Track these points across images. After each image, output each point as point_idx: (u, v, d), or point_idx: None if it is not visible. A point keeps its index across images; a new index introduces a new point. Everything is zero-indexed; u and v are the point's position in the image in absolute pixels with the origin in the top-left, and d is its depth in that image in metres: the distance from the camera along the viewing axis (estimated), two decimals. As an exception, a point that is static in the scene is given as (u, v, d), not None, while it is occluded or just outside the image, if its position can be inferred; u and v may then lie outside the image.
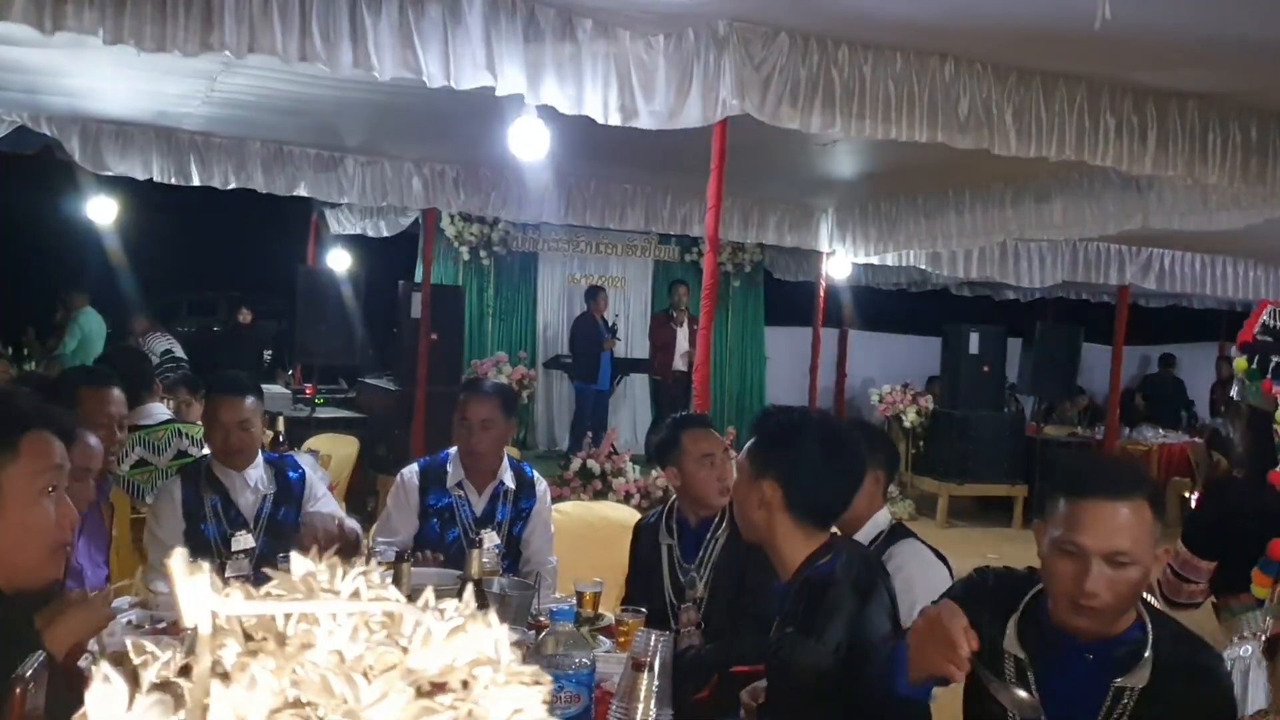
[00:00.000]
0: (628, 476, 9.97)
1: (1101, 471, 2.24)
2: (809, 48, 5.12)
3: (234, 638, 0.60)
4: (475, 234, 13.47)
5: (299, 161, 8.63)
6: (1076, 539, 2.12)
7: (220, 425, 4.01)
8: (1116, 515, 2.11)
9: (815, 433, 2.66)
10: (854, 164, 8.58)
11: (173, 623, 3.18)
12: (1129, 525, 2.11)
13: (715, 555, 3.61)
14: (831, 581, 2.52)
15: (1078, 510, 2.14)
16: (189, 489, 4.03)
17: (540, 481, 4.47)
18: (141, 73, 6.35)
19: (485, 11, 4.74)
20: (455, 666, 0.62)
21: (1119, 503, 2.12)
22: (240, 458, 4.06)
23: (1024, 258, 10.56)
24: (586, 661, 2.47)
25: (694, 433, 3.79)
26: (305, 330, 10.45)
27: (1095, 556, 2.10)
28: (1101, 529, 2.11)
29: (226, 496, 4.04)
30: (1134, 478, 2.19)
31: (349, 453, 8.02)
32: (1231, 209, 7.19)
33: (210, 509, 4.01)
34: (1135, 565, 2.11)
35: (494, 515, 4.27)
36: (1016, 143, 5.54)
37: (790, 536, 2.59)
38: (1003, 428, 11.82)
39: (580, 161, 8.32)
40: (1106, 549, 2.10)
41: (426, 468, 4.35)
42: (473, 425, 4.20)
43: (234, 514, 4.03)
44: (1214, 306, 15.64)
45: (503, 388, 4.59)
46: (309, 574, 0.64)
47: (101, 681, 0.60)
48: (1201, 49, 5.19)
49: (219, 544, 3.92)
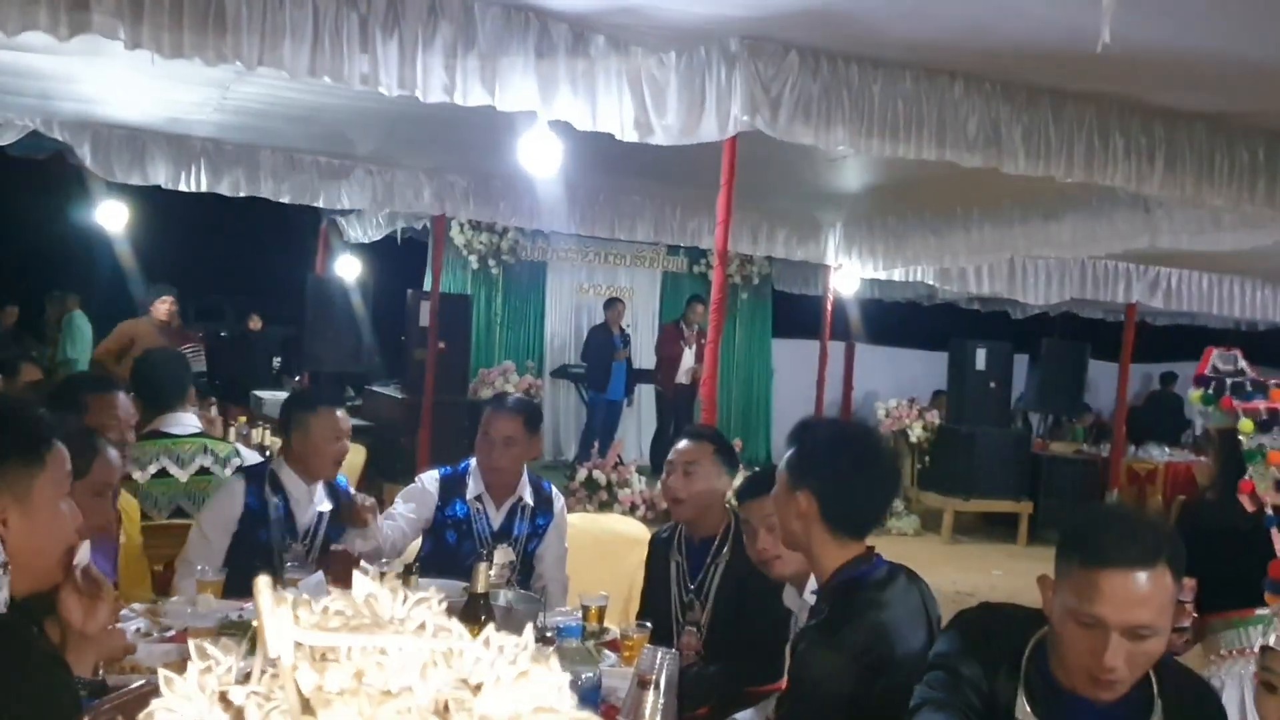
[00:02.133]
0: (634, 488, 10.00)
1: (1120, 537, 2.04)
2: (819, 65, 5.15)
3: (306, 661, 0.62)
4: (484, 243, 13.50)
5: (309, 169, 8.66)
6: (1094, 611, 1.98)
7: (341, 434, 4.15)
8: (1137, 586, 1.97)
9: (851, 444, 2.72)
10: (862, 179, 8.59)
11: (180, 630, 3.20)
12: (1150, 595, 1.97)
13: (716, 581, 3.62)
14: (862, 586, 2.57)
15: (1095, 579, 1.99)
16: (254, 493, 4.03)
17: (558, 499, 4.47)
18: (155, 80, 6.39)
19: (497, 28, 4.77)
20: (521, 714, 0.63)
21: (1139, 571, 1.98)
22: (338, 469, 4.18)
23: (1031, 274, 10.55)
24: (592, 677, 2.49)
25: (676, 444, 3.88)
26: (314, 337, 10.50)
27: (1115, 630, 1.97)
28: (1121, 601, 1.97)
29: (288, 504, 4.07)
30: (1154, 541, 2.02)
31: (355, 461, 8.02)
32: (1239, 229, 7.21)
33: (273, 512, 4.03)
34: (1156, 636, 1.99)
35: (510, 530, 4.26)
36: (1025, 162, 5.55)
37: (826, 545, 2.65)
38: (1008, 444, 11.83)
39: (591, 172, 8.34)
40: (1127, 623, 1.97)
41: (447, 478, 4.33)
42: (495, 441, 4.20)
43: (292, 524, 4.06)
44: (1220, 326, 15.62)
45: (528, 405, 4.57)
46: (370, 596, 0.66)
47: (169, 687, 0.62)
48: (1209, 71, 5.21)
49: (279, 547, 3.94)
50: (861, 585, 2.58)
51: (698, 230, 9.99)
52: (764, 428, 15.35)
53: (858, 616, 2.51)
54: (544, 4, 4.79)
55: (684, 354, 12.57)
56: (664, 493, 3.90)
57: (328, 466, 4.13)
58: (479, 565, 3.01)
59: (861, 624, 2.49)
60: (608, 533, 5.18)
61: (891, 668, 2.44)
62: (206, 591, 3.59)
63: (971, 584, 8.57)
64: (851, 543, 2.66)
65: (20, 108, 7.43)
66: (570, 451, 13.28)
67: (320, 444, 4.10)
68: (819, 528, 2.63)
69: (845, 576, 2.62)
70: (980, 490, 11.51)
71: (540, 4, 4.79)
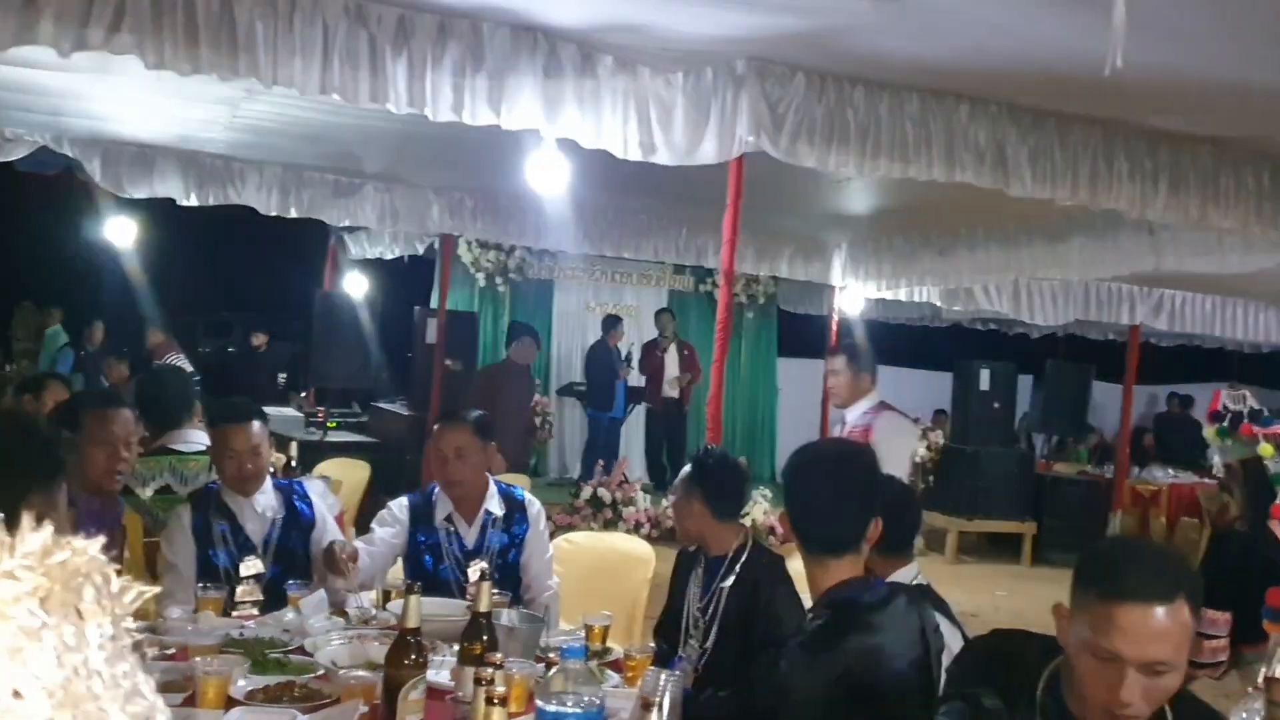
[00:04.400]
0: (638, 506, 9.99)
1: (1139, 570, 1.99)
2: (825, 87, 5.17)
3: None
4: (492, 261, 13.54)
5: (318, 187, 8.68)
6: (1111, 646, 1.94)
7: (234, 454, 4.03)
8: (1155, 622, 1.93)
9: (815, 470, 2.75)
10: (868, 200, 8.61)
11: (181, 648, 3.20)
12: (1168, 631, 1.93)
13: (723, 602, 3.60)
14: (854, 608, 2.57)
15: (1112, 613, 1.95)
16: (199, 516, 4.04)
17: (533, 503, 4.40)
18: (165, 98, 6.43)
19: (505, 47, 4.79)
20: None
21: (1158, 606, 1.93)
22: (252, 484, 4.08)
23: (1036, 296, 10.55)
24: (596, 700, 2.49)
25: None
26: (320, 354, 10.51)
27: (1132, 666, 1.93)
28: (1139, 637, 1.92)
29: (235, 522, 4.06)
30: (1173, 576, 1.98)
31: (361, 478, 8.03)
32: (1244, 253, 7.21)
33: (219, 535, 4.02)
34: (1174, 672, 1.96)
35: (485, 546, 4.22)
36: (1031, 184, 5.56)
37: (809, 565, 2.72)
38: (1012, 464, 11.82)
39: (598, 191, 8.37)
40: (1145, 658, 1.93)
41: (415, 504, 4.30)
42: (447, 455, 4.16)
43: (243, 539, 4.04)
44: (1224, 348, 15.63)
45: (477, 414, 4.51)
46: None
47: None
48: (1215, 95, 5.22)
49: (229, 570, 3.94)
50: (854, 607, 2.58)
51: (704, 249, 10.02)
52: (769, 446, 15.36)
53: (841, 640, 2.51)
54: (552, 25, 4.81)
55: (665, 362, 12.69)
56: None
57: (234, 483, 4.08)
58: (481, 584, 3.02)
59: (844, 648, 2.49)
60: (612, 551, 5.18)
61: (876, 692, 2.44)
62: (208, 609, 3.60)
63: (975, 604, 8.55)
64: (832, 561, 2.66)
65: (30, 123, 7.47)
66: (576, 470, 13.30)
67: (220, 461, 4.10)
68: (799, 548, 2.70)
69: (837, 597, 2.62)
70: (984, 510, 11.50)
71: (548, 24, 4.81)
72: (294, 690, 2.91)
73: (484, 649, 2.83)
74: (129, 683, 0.74)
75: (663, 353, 12.82)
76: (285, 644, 3.36)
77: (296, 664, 3.18)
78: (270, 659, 3.19)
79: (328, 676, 3.02)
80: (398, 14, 4.61)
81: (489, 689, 2.30)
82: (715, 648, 3.58)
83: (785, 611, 3.47)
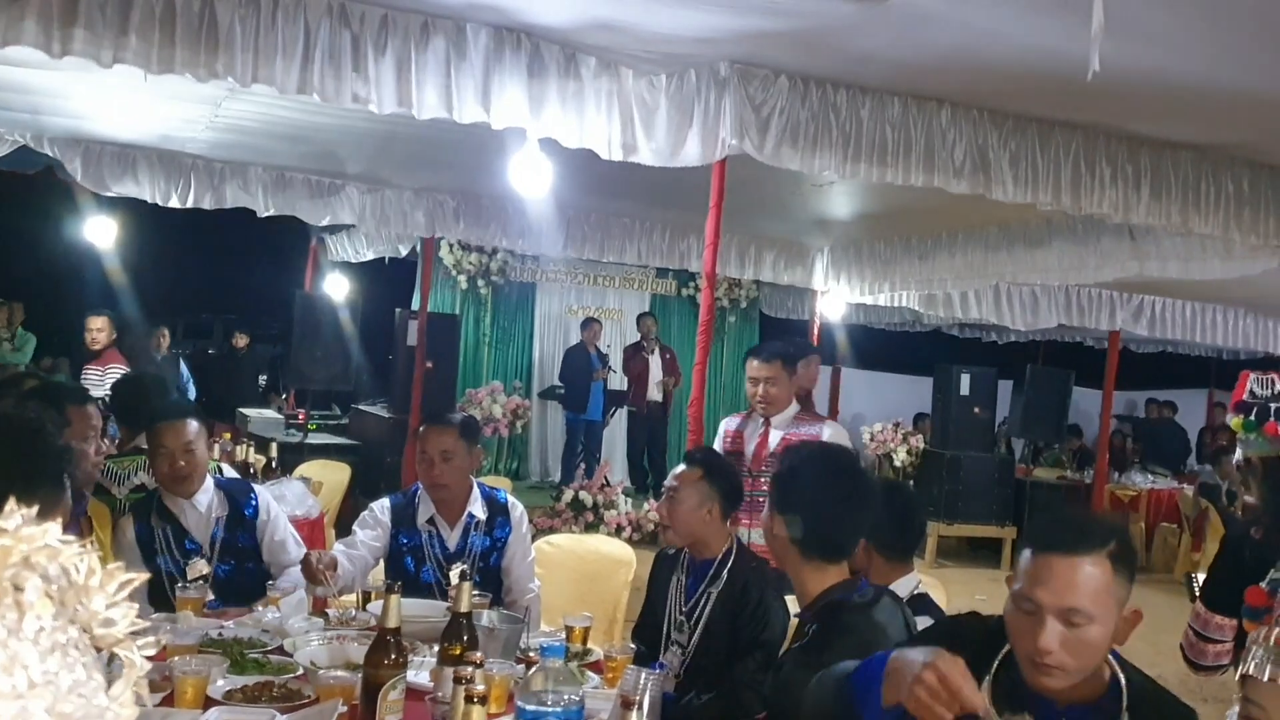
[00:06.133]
0: (619, 509, 9.98)
1: (1065, 525, 2.15)
2: (808, 90, 5.17)
3: None
4: (474, 263, 13.51)
5: (300, 187, 8.65)
6: (1032, 594, 2.05)
7: (165, 451, 4.02)
8: (1074, 571, 2.03)
9: (823, 473, 2.73)
10: (850, 204, 8.63)
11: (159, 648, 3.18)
12: (1084, 582, 2.03)
13: (709, 607, 3.58)
14: (847, 608, 2.59)
15: (1036, 564, 2.07)
16: (141, 523, 4.03)
17: (515, 507, 4.42)
18: (147, 97, 6.39)
19: (489, 47, 4.78)
20: None
21: (1078, 558, 2.04)
22: (188, 483, 4.07)
23: (1017, 301, 10.58)
24: (576, 699, 2.48)
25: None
26: (301, 355, 10.46)
27: (1050, 613, 2.02)
28: (1054, 585, 2.03)
29: (178, 524, 4.05)
30: (1099, 532, 2.09)
31: (341, 479, 8.02)
32: (1224, 258, 7.24)
33: (161, 540, 4.01)
34: (1093, 625, 2.02)
35: (466, 549, 4.21)
36: (1013, 189, 5.58)
37: (802, 569, 2.72)
38: (992, 469, 11.86)
39: (581, 194, 8.36)
40: (1061, 606, 2.02)
41: (398, 506, 4.29)
42: (433, 458, 4.16)
43: (186, 541, 4.04)
44: (1203, 354, 15.72)
45: (463, 417, 4.54)
46: None
47: None
48: (1195, 101, 5.25)
49: (175, 574, 3.91)
50: (846, 607, 2.60)
51: (686, 253, 10.02)
52: (750, 450, 15.33)
53: (843, 637, 2.53)
54: (535, 25, 4.81)
55: (650, 365, 12.72)
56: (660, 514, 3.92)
57: (167, 482, 4.08)
58: (461, 585, 3.01)
59: (847, 644, 2.50)
60: (593, 554, 5.18)
61: None
62: (187, 609, 3.58)
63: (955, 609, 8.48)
64: (830, 566, 2.68)
65: (10, 122, 7.42)
66: (557, 473, 13.28)
67: (154, 459, 4.10)
68: (793, 551, 2.67)
69: (830, 600, 2.64)
70: (964, 515, 11.54)
71: (531, 25, 4.81)
72: (273, 690, 2.90)
73: (464, 649, 2.82)
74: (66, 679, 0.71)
75: (647, 355, 12.83)
76: (264, 644, 3.35)
77: (275, 664, 3.17)
78: (249, 659, 3.18)
79: (307, 676, 3.01)
80: (381, 13, 4.60)
81: (469, 688, 2.29)
82: (698, 651, 3.56)
83: (773, 615, 3.47)
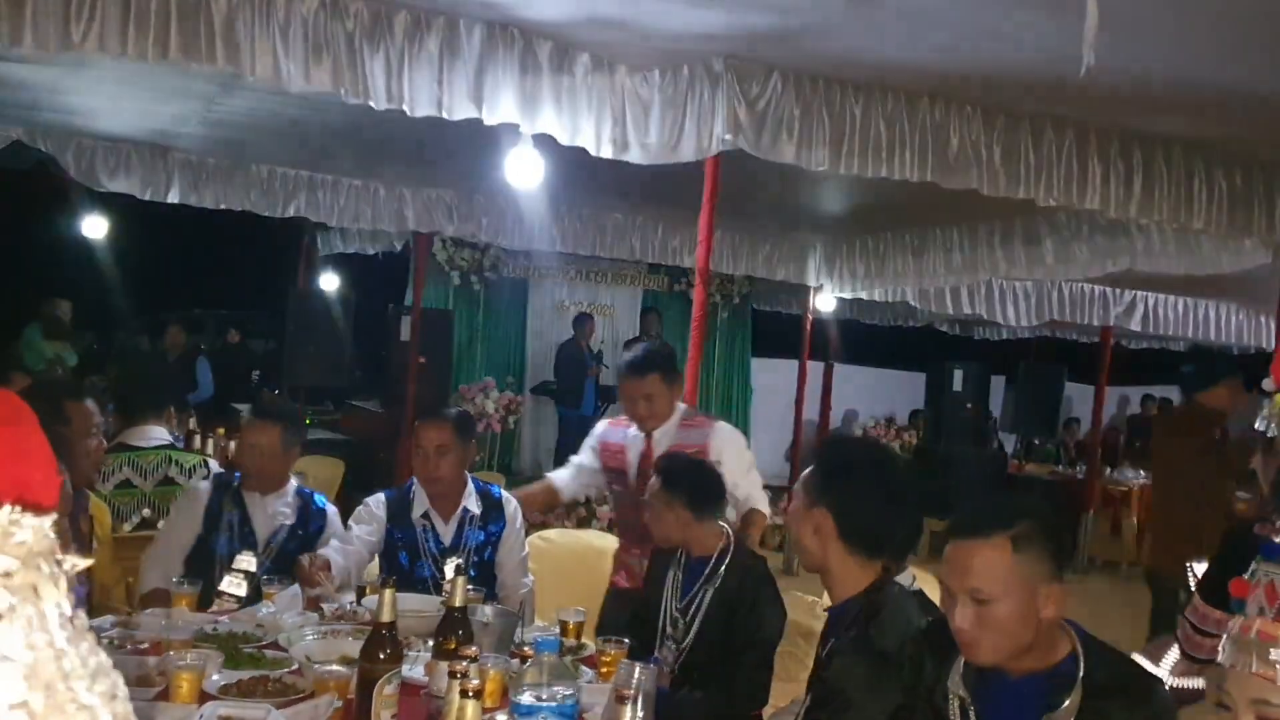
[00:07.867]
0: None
1: (970, 512, 2.34)
2: (801, 86, 5.18)
3: None
4: (467, 259, 13.48)
5: (293, 183, 8.64)
6: (944, 578, 2.27)
7: (250, 447, 4.18)
8: (973, 555, 2.21)
9: (870, 464, 2.77)
10: (843, 200, 8.63)
11: (154, 642, 3.19)
12: (980, 564, 2.20)
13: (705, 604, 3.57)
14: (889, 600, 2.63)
15: (946, 551, 2.28)
16: (215, 499, 4.15)
17: (510, 502, 4.44)
18: (140, 92, 6.39)
19: (482, 43, 4.79)
20: None
21: (976, 542, 2.22)
22: (258, 482, 4.20)
23: (1009, 297, 10.60)
24: (570, 693, 2.49)
25: None
26: (294, 351, 10.46)
27: (959, 594, 2.22)
28: (957, 568, 2.23)
29: (245, 514, 4.15)
30: (997, 517, 2.25)
31: (333, 475, 8.02)
32: (1216, 253, 7.26)
33: (226, 524, 4.12)
34: (999, 602, 2.17)
35: (461, 543, 4.23)
36: (1005, 184, 5.59)
37: (844, 564, 2.72)
38: (985, 464, 11.89)
39: (574, 190, 8.36)
40: (964, 587, 2.21)
41: (392, 500, 4.31)
42: (429, 452, 4.19)
43: (247, 532, 4.12)
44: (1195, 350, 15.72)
45: (458, 412, 4.58)
46: None
47: None
48: (1188, 98, 5.26)
49: (224, 560, 3.98)
50: (888, 599, 2.64)
51: (680, 249, 10.02)
52: (743, 446, 15.31)
53: (893, 625, 2.59)
54: (528, 21, 4.81)
55: None
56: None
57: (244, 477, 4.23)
58: (456, 579, 3.01)
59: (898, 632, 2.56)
60: (586, 548, 5.19)
61: None
62: (181, 604, 3.59)
63: (948, 604, 8.57)
64: (869, 563, 2.71)
65: (4, 118, 7.41)
66: (549, 468, 13.24)
67: (238, 454, 4.27)
68: (836, 546, 2.70)
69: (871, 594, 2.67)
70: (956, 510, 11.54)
71: (525, 21, 4.81)
72: (268, 685, 2.90)
73: (459, 644, 2.82)
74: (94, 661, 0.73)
75: (644, 351, 12.77)
76: (259, 638, 3.36)
77: (270, 658, 3.17)
78: (244, 653, 3.19)
79: (301, 671, 3.01)
80: (374, 9, 4.60)
81: (463, 682, 2.29)
82: (693, 648, 3.56)
83: (770, 613, 3.48)
